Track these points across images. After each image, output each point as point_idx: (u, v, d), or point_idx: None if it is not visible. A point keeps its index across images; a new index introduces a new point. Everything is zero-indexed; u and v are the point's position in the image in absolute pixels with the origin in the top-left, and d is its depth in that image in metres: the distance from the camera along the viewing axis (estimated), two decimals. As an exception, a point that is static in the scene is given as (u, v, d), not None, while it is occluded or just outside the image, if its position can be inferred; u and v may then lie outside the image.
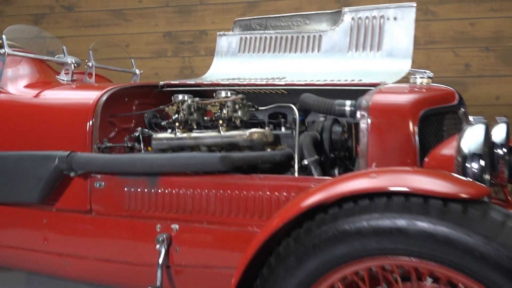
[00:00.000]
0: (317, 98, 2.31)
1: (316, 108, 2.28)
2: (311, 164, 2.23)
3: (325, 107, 2.24)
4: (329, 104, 2.24)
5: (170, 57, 5.40)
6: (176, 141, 2.48)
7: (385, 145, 2.01)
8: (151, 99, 2.89)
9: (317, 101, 2.28)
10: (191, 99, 2.51)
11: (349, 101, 2.21)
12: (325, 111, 2.26)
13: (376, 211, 1.39)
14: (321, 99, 2.29)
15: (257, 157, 2.24)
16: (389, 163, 2.01)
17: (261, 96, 2.87)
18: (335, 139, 2.40)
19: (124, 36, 5.62)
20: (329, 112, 2.25)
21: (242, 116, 2.39)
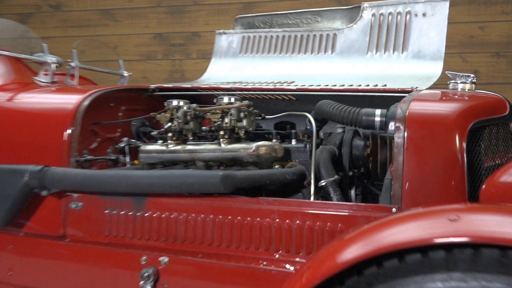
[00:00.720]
0: (338, 105, 1.93)
1: (337, 117, 1.91)
2: (330, 185, 1.86)
3: (349, 117, 1.87)
4: (354, 113, 1.86)
5: (160, 59, 5.13)
6: (168, 155, 2.10)
7: (425, 164, 1.64)
8: (140, 105, 2.52)
9: (339, 109, 1.91)
10: (187, 105, 2.13)
11: (379, 110, 1.83)
12: (349, 122, 1.88)
13: (456, 269, 1.00)
14: (343, 107, 1.92)
15: (265, 176, 1.86)
16: (430, 187, 1.63)
17: (265, 102, 2.50)
18: (356, 154, 2.03)
19: (113, 37, 5.29)
20: (354, 123, 1.87)
21: (247, 127, 2.01)
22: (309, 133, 2.16)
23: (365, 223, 1.66)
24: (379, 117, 1.83)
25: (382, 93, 2.06)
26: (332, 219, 1.72)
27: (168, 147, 2.11)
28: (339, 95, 2.16)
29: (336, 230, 1.70)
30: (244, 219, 1.81)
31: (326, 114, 1.96)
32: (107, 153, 2.33)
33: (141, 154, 2.17)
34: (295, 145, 2.07)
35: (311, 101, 2.41)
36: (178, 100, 2.14)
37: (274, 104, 2.55)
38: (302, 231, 1.74)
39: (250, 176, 1.83)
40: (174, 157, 2.11)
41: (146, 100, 2.55)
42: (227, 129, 2.02)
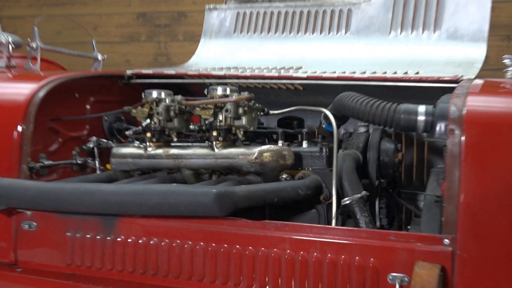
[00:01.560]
0: (366, 99, 1.51)
1: (365, 115, 1.48)
2: (356, 204, 1.43)
3: (383, 115, 1.44)
4: (389, 110, 1.44)
5: (144, 42, 4.71)
6: (146, 160, 1.67)
7: (490, 181, 1.22)
8: (114, 95, 2.08)
9: (368, 105, 1.48)
10: (171, 98, 1.68)
11: (423, 107, 1.41)
12: (382, 121, 1.46)
13: None
14: (373, 101, 1.49)
15: (272, 192, 1.44)
16: (495, 212, 1.22)
17: (264, 92, 2.06)
18: (385, 161, 1.61)
19: (92, 17, 4.82)
20: (389, 123, 1.45)
21: (247, 126, 1.58)
22: (325, 133, 1.73)
23: (407, 258, 1.26)
24: (424, 115, 1.40)
25: (418, 83, 1.62)
26: (362, 251, 1.30)
27: (146, 151, 1.67)
28: (359, 85, 1.72)
29: (368, 266, 1.28)
30: (244, 249, 1.39)
31: (350, 110, 1.53)
32: (72, 156, 1.88)
33: (113, 159, 1.73)
34: (308, 148, 1.63)
35: (321, 92, 1.98)
36: (159, 91, 1.70)
37: (275, 94, 2.11)
38: (321, 266, 1.32)
39: (252, 193, 1.40)
40: (154, 164, 1.67)
41: (121, 90, 2.10)
42: (221, 129, 1.59)
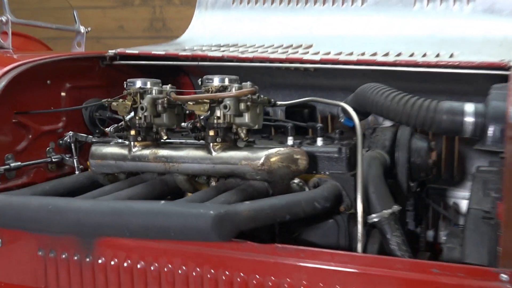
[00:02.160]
0: (398, 95, 1.23)
1: (396, 114, 1.21)
2: (386, 222, 1.18)
3: (420, 115, 1.17)
4: (427, 110, 1.16)
5: (138, 6, 4.34)
6: (131, 163, 1.40)
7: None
8: (95, 79, 1.81)
9: (400, 102, 1.20)
10: (158, 88, 1.40)
11: (471, 106, 1.14)
12: (419, 123, 1.19)
13: None
14: (405, 97, 1.21)
15: (284, 208, 1.18)
16: None
17: (269, 74, 1.78)
18: (417, 163, 1.34)
19: (82, -22, 4.43)
20: (428, 124, 1.18)
21: (251, 124, 1.30)
22: (343, 127, 1.46)
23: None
24: (473, 117, 1.13)
25: (456, 70, 1.35)
26: (395, 284, 1.05)
27: (131, 151, 1.40)
28: (381, 71, 1.44)
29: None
30: (250, 278, 1.14)
31: (377, 107, 1.26)
32: (47, 153, 1.62)
33: (92, 160, 1.46)
34: (325, 148, 1.36)
35: (335, 74, 1.69)
36: (143, 80, 1.41)
37: (282, 76, 1.83)
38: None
39: (259, 212, 1.14)
40: (140, 167, 1.41)
41: (103, 72, 1.82)
42: (219, 127, 1.31)
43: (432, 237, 1.72)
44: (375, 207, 1.20)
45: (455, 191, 1.71)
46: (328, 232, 1.38)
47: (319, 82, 1.77)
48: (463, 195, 1.68)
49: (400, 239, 1.19)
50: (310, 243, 1.41)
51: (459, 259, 1.31)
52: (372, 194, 1.20)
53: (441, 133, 1.35)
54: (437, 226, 1.72)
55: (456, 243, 1.33)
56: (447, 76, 1.42)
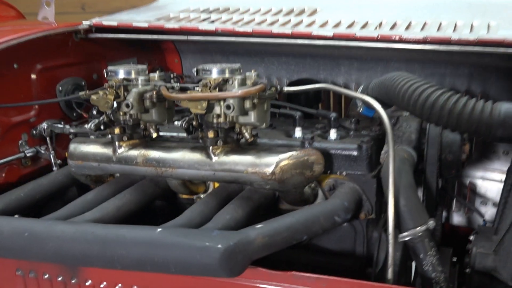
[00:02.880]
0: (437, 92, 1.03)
1: (441, 119, 1.01)
2: (419, 240, 1.02)
3: (472, 120, 0.98)
4: (482, 113, 0.98)
5: None
6: (117, 166, 1.21)
7: None
8: (70, 56, 1.59)
9: (444, 104, 1.00)
10: (144, 77, 1.19)
11: None
12: (471, 129, 1.01)
13: None
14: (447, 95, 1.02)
15: (300, 228, 1.02)
16: None
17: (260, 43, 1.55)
18: (449, 160, 1.17)
19: None
20: (482, 131, 1.00)
21: (258, 123, 1.11)
22: (361, 116, 1.27)
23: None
24: None
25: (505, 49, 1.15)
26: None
27: (116, 152, 1.21)
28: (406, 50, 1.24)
29: None
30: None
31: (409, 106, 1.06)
32: (19, 147, 1.41)
33: (71, 161, 1.26)
34: (342, 144, 1.18)
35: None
36: (127, 69, 1.19)
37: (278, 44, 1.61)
38: None
39: (274, 237, 0.97)
40: (127, 171, 1.22)
41: (78, 47, 1.58)
42: (220, 127, 1.12)
43: (444, 218, 1.59)
44: (407, 222, 1.04)
45: (471, 170, 1.56)
46: (343, 237, 1.23)
47: (321, 51, 1.56)
48: (480, 175, 1.53)
49: (435, 259, 1.03)
50: (323, 249, 1.27)
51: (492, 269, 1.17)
52: (404, 208, 1.04)
53: (499, 141, 1.17)
54: (449, 207, 1.58)
55: (488, 248, 1.19)
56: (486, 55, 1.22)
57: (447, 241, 1.45)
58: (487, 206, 1.52)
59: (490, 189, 1.50)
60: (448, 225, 1.59)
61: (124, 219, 1.20)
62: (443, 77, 1.47)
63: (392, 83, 1.09)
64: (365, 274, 1.21)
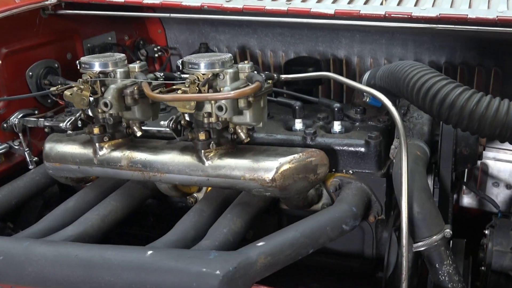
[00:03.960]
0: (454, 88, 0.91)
1: (460, 119, 0.90)
2: (435, 249, 0.93)
3: (496, 121, 0.87)
4: (507, 114, 0.86)
5: None
6: (98, 169, 1.09)
7: None
8: (37, 37, 1.42)
9: (465, 104, 0.88)
10: (124, 70, 1.05)
11: None
12: (490, 131, 0.89)
13: None
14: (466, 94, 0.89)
15: (306, 242, 0.93)
16: None
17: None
18: (465, 154, 1.07)
19: None
20: (503, 134, 0.88)
21: (254, 123, 0.98)
22: (368, 106, 1.15)
23: None
24: None
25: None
26: None
27: (98, 153, 1.08)
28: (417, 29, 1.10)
29: None
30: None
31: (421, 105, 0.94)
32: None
33: (48, 163, 1.13)
34: (348, 140, 1.07)
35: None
36: (103, 62, 1.05)
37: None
38: None
39: (279, 253, 0.87)
40: (110, 174, 1.10)
41: (47, 24, 1.42)
42: (212, 128, 0.99)
43: (454, 200, 1.50)
44: (422, 231, 0.94)
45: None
46: (351, 239, 1.13)
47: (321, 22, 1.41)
48: (492, 156, 1.43)
49: (452, 268, 0.94)
50: (331, 250, 1.17)
51: (510, 269, 1.09)
52: (418, 215, 0.93)
53: None
54: (459, 190, 1.49)
55: (506, 246, 1.10)
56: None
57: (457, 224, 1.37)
58: (499, 188, 1.43)
59: (503, 170, 1.41)
60: (457, 207, 1.51)
61: (111, 229, 1.09)
62: (454, 50, 1.34)
63: (403, 76, 0.96)
64: (376, 278, 1.12)
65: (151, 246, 0.92)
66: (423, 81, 0.93)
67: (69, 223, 1.06)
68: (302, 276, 1.16)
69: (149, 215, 1.36)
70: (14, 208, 1.20)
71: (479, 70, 1.35)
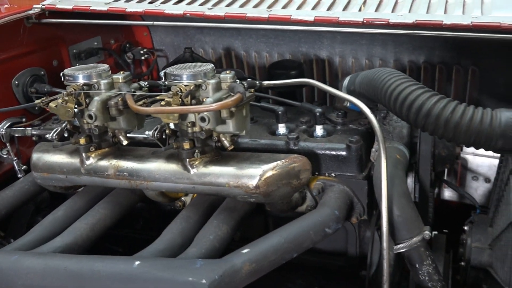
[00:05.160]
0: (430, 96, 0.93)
1: (437, 128, 0.93)
2: (414, 250, 0.96)
3: (471, 130, 0.90)
4: (481, 123, 0.89)
5: None
6: (86, 178, 1.12)
7: None
8: (22, 46, 1.43)
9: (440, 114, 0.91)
10: (108, 81, 1.07)
11: None
12: (469, 140, 0.92)
13: None
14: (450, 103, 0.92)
15: (289, 248, 0.95)
16: None
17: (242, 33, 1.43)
18: (443, 155, 1.10)
19: None
20: (482, 142, 0.92)
21: (237, 131, 1.00)
22: (349, 110, 1.17)
23: None
24: None
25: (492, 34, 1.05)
26: None
27: (85, 163, 1.10)
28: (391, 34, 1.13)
29: None
30: None
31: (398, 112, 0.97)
32: (-24, 152, 1.30)
33: (36, 173, 1.15)
34: (330, 144, 1.10)
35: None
36: (86, 73, 1.07)
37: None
38: None
39: (263, 260, 0.90)
40: (98, 183, 1.12)
41: (31, 33, 1.44)
42: (198, 138, 1.02)
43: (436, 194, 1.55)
44: (401, 233, 0.97)
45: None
46: (335, 238, 1.16)
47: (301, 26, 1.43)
48: (471, 150, 1.47)
49: (431, 268, 0.98)
50: (315, 249, 1.21)
51: (488, 265, 1.13)
52: (398, 219, 0.97)
53: (502, 152, 1.09)
54: (440, 184, 1.52)
55: (484, 242, 1.14)
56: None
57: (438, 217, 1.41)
58: (478, 181, 1.47)
59: (481, 165, 1.45)
60: (438, 200, 1.54)
61: (100, 237, 1.12)
62: (432, 50, 1.37)
63: (381, 84, 0.98)
64: (359, 276, 1.16)
65: (139, 256, 0.95)
66: (400, 89, 0.95)
67: (59, 232, 1.08)
68: (287, 273, 1.19)
69: (139, 218, 1.38)
70: (5, 217, 1.22)
71: (457, 69, 1.38)
